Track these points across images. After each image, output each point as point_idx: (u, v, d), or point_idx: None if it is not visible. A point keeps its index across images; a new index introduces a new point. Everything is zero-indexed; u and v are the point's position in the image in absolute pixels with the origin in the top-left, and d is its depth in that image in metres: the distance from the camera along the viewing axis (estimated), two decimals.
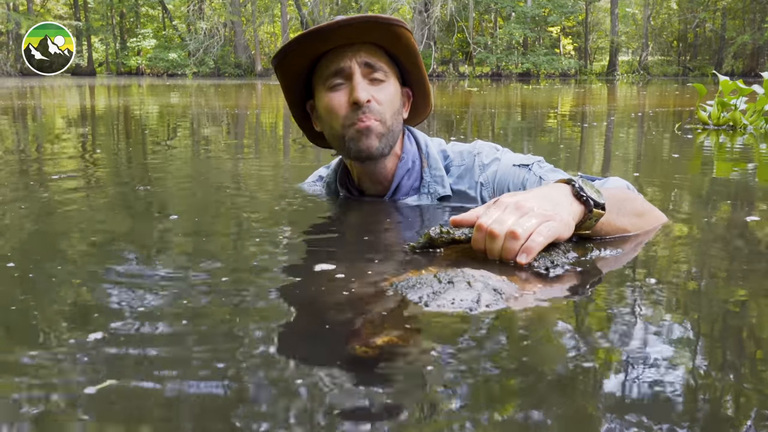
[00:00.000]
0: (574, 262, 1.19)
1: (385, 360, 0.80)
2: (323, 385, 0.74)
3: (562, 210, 1.19)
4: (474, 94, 13.10)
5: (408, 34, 1.63)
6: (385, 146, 1.64)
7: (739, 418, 0.69)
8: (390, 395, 0.72)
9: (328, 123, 1.67)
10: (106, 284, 1.12)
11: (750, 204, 2.02)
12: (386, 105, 1.62)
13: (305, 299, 1.05)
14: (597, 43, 38.34)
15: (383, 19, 1.57)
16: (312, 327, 0.94)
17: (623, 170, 2.93)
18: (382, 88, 1.63)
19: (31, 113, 7.28)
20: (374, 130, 1.61)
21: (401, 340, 0.85)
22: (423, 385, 0.75)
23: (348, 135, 1.62)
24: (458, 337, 0.87)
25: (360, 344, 0.84)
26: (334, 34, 1.57)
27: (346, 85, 1.61)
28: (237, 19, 35.27)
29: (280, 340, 0.88)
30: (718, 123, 4.89)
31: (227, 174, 2.73)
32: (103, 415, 0.69)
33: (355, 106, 1.59)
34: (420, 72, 1.72)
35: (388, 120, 1.63)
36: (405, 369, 0.78)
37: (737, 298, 1.07)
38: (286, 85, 1.72)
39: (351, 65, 1.60)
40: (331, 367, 0.78)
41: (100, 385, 0.74)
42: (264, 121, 6.70)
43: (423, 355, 0.82)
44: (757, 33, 31.74)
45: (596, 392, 0.74)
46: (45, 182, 2.38)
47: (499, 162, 1.69)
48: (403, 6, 31.96)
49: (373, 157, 1.65)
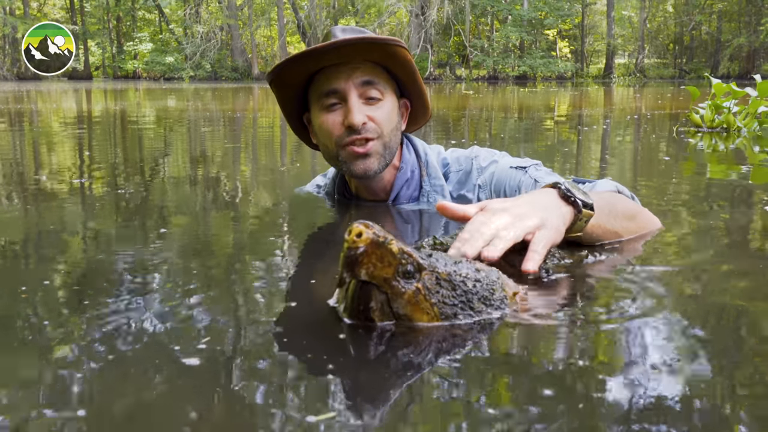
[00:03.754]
0: (569, 268, 1.20)
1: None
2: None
3: (551, 215, 1.17)
4: (470, 98, 13.12)
5: (404, 52, 1.61)
6: (383, 164, 1.65)
7: (738, 422, 0.70)
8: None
9: (323, 141, 1.67)
10: (95, 299, 1.13)
11: (747, 206, 2.04)
12: (383, 123, 1.62)
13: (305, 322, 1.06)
14: (593, 46, 38.41)
15: (379, 40, 1.56)
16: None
17: (618, 173, 2.95)
18: (379, 106, 1.62)
19: (28, 117, 7.28)
20: (372, 153, 1.61)
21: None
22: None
23: (342, 156, 1.63)
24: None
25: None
26: (328, 54, 1.56)
27: (341, 105, 1.61)
28: (234, 22, 35.26)
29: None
30: (711, 126, 4.91)
31: (225, 178, 2.73)
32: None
33: (350, 129, 1.59)
34: (417, 86, 1.72)
35: (386, 136, 1.63)
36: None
37: (735, 299, 1.08)
38: (282, 98, 1.72)
39: (346, 87, 1.59)
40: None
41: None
42: (261, 124, 6.70)
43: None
44: (753, 35, 31.84)
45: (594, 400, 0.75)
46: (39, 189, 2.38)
47: (496, 164, 1.70)
48: (400, 9, 31.98)
49: (371, 178, 1.67)
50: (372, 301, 0.89)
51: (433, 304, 0.91)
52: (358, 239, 0.86)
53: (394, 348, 0.86)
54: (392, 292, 0.88)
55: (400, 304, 0.89)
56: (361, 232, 0.86)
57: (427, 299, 0.90)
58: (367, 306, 0.89)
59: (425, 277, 0.90)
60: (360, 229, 0.86)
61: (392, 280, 0.88)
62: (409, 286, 0.89)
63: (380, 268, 0.87)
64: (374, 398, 0.74)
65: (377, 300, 0.89)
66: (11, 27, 31.90)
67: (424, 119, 1.81)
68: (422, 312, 0.90)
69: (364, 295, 0.89)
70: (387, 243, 0.87)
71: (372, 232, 0.86)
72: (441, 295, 0.91)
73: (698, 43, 37.93)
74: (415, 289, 0.89)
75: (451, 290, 0.92)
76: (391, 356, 0.84)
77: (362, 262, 0.86)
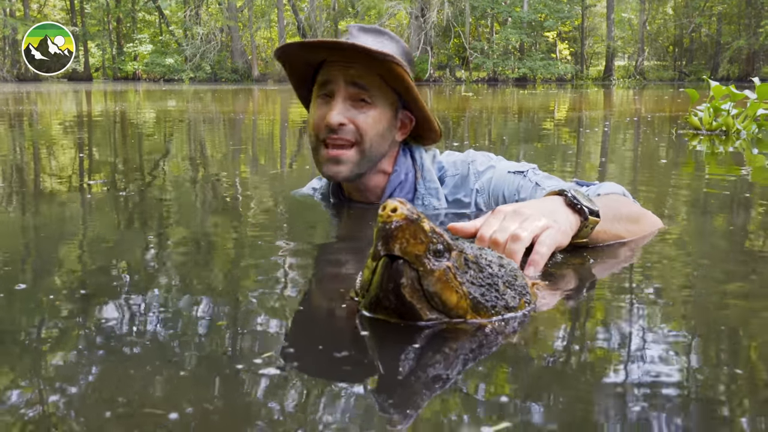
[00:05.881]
0: (572, 270, 1.22)
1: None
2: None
3: (559, 218, 1.20)
4: (470, 99, 13.13)
5: (399, 70, 1.58)
6: (356, 171, 1.64)
7: (736, 419, 0.70)
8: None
9: (308, 130, 1.70)
10: (96, 301, 1.13)
11: (745, 208, 2.04)
12: (365, 129, 1.61)
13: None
14: (593, 48, 38.42)
15: (372, 52, 1.53)
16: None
17: (618, 174, 2.95)
18: (366, 111, 1.61)
19: (28, 119, 7.28)
20: (344, 161, 1.61)
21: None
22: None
23: (319, 152, 1.64)
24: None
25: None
26: (326, 49, 1.57)
27: (330, 100, 1.61)
28: (234, 24, 35.28)
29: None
30: (710, 128, 4.92)
31: (223, 181, 2.74)
32: None
33: (328, 128, 1.59)
34: (415, 101, 1.67)
35: (366, 143, 1.61)
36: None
37: (733, 300, 1.09)
38: (289, 72, 1.73)
39: (336, 84, 1.59)
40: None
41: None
42: (260, 126, 6.71)
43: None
44: (753, 38, 31.86)
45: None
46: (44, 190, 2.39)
47: (494, 169, 1.70)
48: (400, 11, 32.02)
49: (339, 181, 1.67)
50: (403, 278, 0.89)
51: (462, 283, 0.92)
52: (393, 214, 0.88)
53: (436, 343, 0.88)
54: (423, 270, 0.89)
55: (431, 281, 0.90)
56: (396, 207, 0.88)
57: (457, 278, 0.92)
58: (398, 283, 0.89)
59: (454, 256, 0.92)
60: (395, 204, 0.88)
61: (423, 257, 0.89)
62: (439, 264, 0.90)
63: (413, 244, 0.88)
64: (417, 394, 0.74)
65: (408, 276, 0.89)
66: (11, 28, 31.91)
67: (431, 135, 1.77)
68: (452, 290, 0.91)
69: (396, 273, 0.89)
70: (420, 220, 0.89)
71: (406, 208, 0.88)
72: (469, 275, 0.94)
73: (698, 45, 37.95)
74: (445, 267, 0.91)
75: (479, 271, 0.95)
76: (433, 352, 0.86)
77: (396, 237, 0.88)
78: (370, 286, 0.93)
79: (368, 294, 0.94)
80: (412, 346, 0.87)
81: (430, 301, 0.91)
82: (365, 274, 0.97)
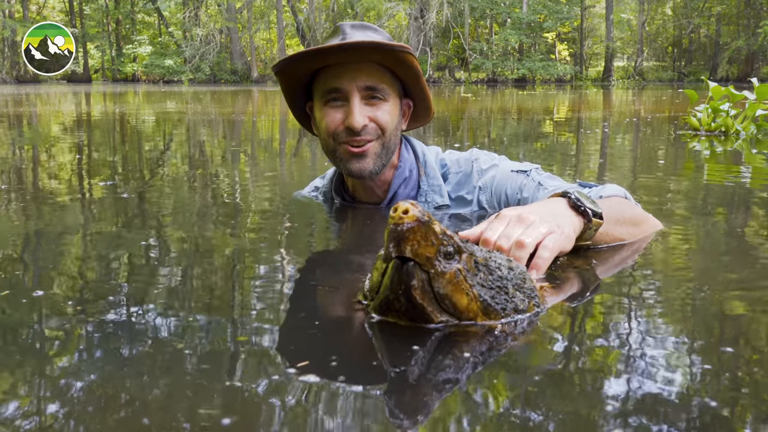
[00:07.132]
0: (577, 273, 1.22)
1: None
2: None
3: (563, 222, 1.20)
4: (470, 100, 13.13)
5: (411, 59, 1.60)
6: (380, 165, 1.65)
7: (737, 422, 0.71)
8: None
9: (322, 136, 1.68)
10: (93, 309, 1.13)
11: (744, 209, 2.05)
12: (384, 124, 1.62)
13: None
14: (592, 48, 38.42)
15: (386, 46, 1.54)
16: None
17: (618, 175, 2.96)
18: (381, 107, 1.62)
19: (27, 121, 7.28)
20: (370, 153, 1.62)
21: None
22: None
23: (339, 152, 1.64)
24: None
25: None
26: (335, 54, 1.56)
27: (343, 103, 1.61)
28: (233, 25, 35.28)
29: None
30: (709, 129, 4.92)
31: (223, 182, 2.74)
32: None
33: (350, 130, 1.59)
34: (421, 88, 1.70)
35: (386, 137, 1.63)
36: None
37: (736, 303, 1.09)
38: (286, 89, 1.72)
39: (349, 88, 1.59)
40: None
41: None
42: (260, 127, 6.71)
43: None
44: (752, 38, 31.87)
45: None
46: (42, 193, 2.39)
47: (497, 168, 1.71)
48: (399, 12, 32.02)
49: (366, 178, 1.67)
50: (414, 280, 0.89)
51: (472, 285, 0.92)
52: (404, 216, 0.88)
53: (446, 346, 0.88)
54: (434, 272, 0.89)
55: (441, 283, 0.90)
56: (408, 209, 0.88)
57: (467, 281, 0.92)
58: (409, 285, 0.89)
59: (464, 259, 0.92)
60: (406, 206, 0.88)
61: (434, 260, 0.89)
62: (449, 266, 0.90)
63: (424, 246, 0.88)
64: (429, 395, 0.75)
65: (419, 279, 0.89)
66: (10, 30, 31.90)
67: (425, 119, 1.81)
68: (462, 293, 0.91)
69: (407, 275, 0.89)
70: (431, 222, 0.89)
71: (417, 210, 0.88)
72: (479, 278, 0.93)
73: (697, 46, 37.97)
74: (456, 270, 0.91)
75: (488, 274, 0.95)
76: (445, 354, 0.86)
77: (408, 238, 0.88)
78: (380, 288, 0.93)
79: (378, 296, 0.94)
80: (422, 348, 0.87)
81: (441, 304, 0.91)
82: (374, 276, 0.96)
